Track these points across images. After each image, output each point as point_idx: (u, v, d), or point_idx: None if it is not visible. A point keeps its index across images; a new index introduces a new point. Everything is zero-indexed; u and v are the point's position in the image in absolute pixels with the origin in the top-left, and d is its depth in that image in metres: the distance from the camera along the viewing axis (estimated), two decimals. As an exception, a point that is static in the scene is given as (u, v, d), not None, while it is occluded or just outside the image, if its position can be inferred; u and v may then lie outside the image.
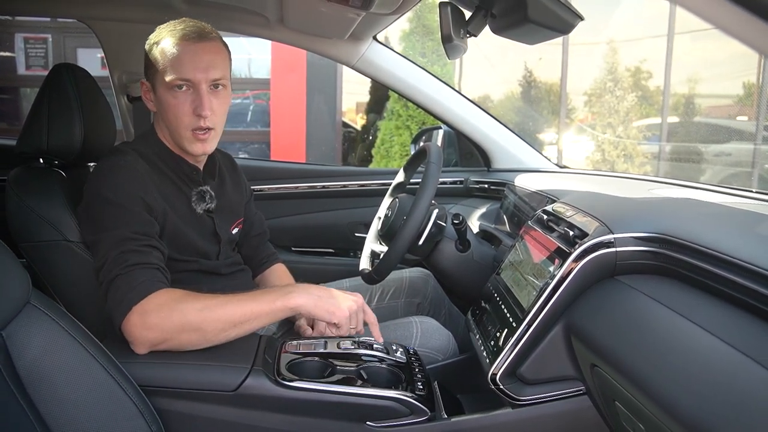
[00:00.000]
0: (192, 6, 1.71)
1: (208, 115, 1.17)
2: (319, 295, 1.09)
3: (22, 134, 1.28)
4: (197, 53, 1.15)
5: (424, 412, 1.02)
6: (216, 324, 1.02)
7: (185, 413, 1.00)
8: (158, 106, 1.21)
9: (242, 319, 1.03)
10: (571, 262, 0.95)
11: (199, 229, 1.27)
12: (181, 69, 1.15)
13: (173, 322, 1.00)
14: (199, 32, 1.17)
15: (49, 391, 0.80)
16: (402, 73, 1.91)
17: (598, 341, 0.87)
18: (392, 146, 5.89)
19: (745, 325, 0.70)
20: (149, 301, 1.01)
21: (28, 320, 0.80)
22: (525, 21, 0.95)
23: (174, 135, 1.22)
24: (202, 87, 1.16)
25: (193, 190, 1.27)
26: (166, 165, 1.25)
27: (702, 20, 0.56)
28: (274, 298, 1.06)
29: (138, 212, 1.11)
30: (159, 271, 1.07)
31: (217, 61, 1.18)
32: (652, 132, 7.59)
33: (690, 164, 6.96)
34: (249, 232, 1.51)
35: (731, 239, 0.82)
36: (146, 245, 1.08)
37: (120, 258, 1.04)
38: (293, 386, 1.00)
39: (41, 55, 6.06)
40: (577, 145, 8.09)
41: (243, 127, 6.51)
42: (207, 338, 1.02)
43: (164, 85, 1.17)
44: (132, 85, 1.88)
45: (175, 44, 1.15)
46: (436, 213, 1.42)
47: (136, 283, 1.02)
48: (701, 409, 0.65)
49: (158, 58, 1.17)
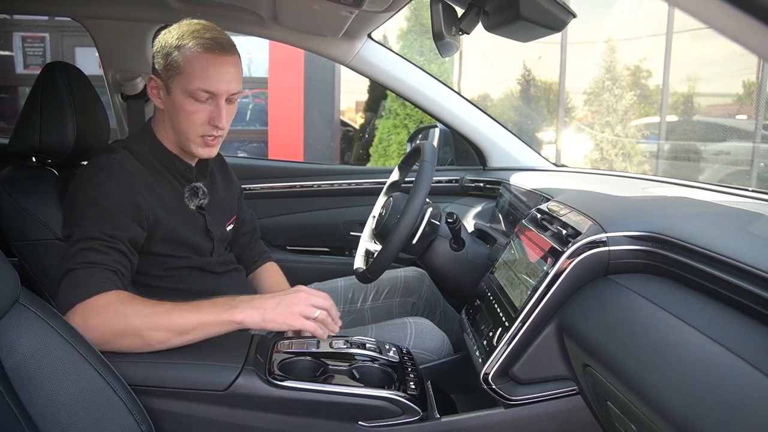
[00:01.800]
0: (187, 4, 1.70)
1: (224, 126, 1.21)
2: (265, 308, 1.05)
3: (15, 133, 1.28)
4: (223, 66, 1.18)
5: (416, 412, 1.02)
6: (159, 332, 1.00)
7: (176, 412, 1.00)
8: (170, 107, 1.22)
9: (187, 328, 1.01)
10: (563, 261, 0.94)
11: (191, 225, 1.28)
12: (207, 81, 1.16)
13: (115, 325, 0.98)
14: (225, 44, 1.19)
15: (38, 391, 0.80)
16: (397, 72, 1.91)
17: (590, 341, 0.87)
18: (390, 145, 5.89)
19: (736, 324, 0.69)
20: (94, 301, 1.00)
21: (17, 319, 0.80)
22: (517, 18, 0.95)
23: (181, 137, 1.23)
24: (221, 100, 1.19)
25: (186, 186, 1.28)
26: (159, 162, 1.26)
27: (698, 21, 0.55)
28: (220, 311, 1.04)
29: (116, 214, 1.11)
30: (115, 273, 1.06)
31: (237, 75, 1.21)
32: (650, 131, 7.59)
33: (688, 163, 6.96)
34: (240, 229, 1.53)
35: (724, 238, 0.82)
36: (111, 247, 1.08)
37: (80, 254, 1.05)
38: (285, 386, 1.00)
39: (39, 54, 6.06)
40: (576, 144, 8.10)
41: (242, 126, 6.51)
42: (149, 344, 1.00)
43: (184, 91, 1.18)
44: (126, 84, 1.87)
45: (202, 54, 1.16)
46: (431, 212, 1.42)
47: (86, 280, 1.02)
48: (691, 409, 0.64)
49: (180, 63, 1.17)
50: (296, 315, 1.06)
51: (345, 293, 1.64)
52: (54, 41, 6.01)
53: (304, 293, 1.10)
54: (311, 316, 1.07)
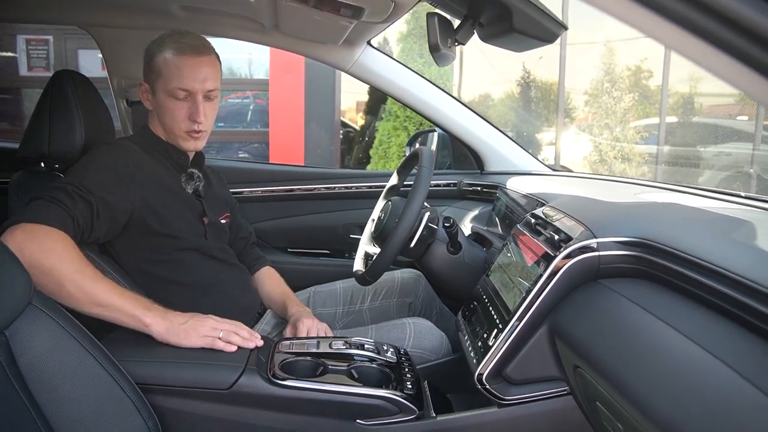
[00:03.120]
0: (189, 13, 1.73)
1: (202, 121, 1.33)
2: (173, 323, 1.07)
3: (24, 139, 1.32)
4: (196, 66, 1.30)
5: (412, 411, 1.05)
6: (77, 291, 1.02)
7: (181, 410, 1.03)
8: (156, 108, 1.35)
9: (102, 303, 1.03)
10: (555, 266, 0.97)
11: (187, 207, 1.37)
12: (182, 80, 1.29)
13: (45, 260, 1.00)
14: (198, 47, 1.32)
15: (50, 388, 0.83)
16: (396, 78, 1.94)
17: (580, 343, 0.90)
18: (390, 147, 5.90)
19: (719, 328, 0.71)
20: (40, 228, 1.03)
21: (30, 320, 0.83)
22: (510, 30, 0.98)
23: (169, 133, 1.36)
24: (198, 97, 1.32)
25: (183, 173, 1.38)
26: (158, 152, 1.38)
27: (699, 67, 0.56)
28: (136, 306, 1.06)
29: (99, 175, 1.19)
30: (72, 220, 1.09)
31: (212, 73, 1.33)
32: (650, 132, 7.58)
33: (687, 168, 6.94)
34: (237, 234, 1.61)
35: (709, 244, 0.84)
36: (81, 197, 1.12)
37: (52, 191, 1.11)
38: (286, 385, 1.03)
39: (43, 57, 6.07)
40: (576, 145, 8.09)
41: (243, 127, 6.52)
42: (61, 295, 1.00)
43: (165, 91, 1.30)
44: (131, 90, 1.91)
45: (177, 56, 1.30)
46: (428, 216, 1.44)
47: (43, 210, 1.06)
48: (674, 411, 0.66)
49: (161, 66, 1.30)
50: (199, 335, 1.07)
51: (344, 295, 1.67)
52: (57, 44, 6.03)
53: (212, 320, 1.11)
54: (213, 336, 1.08)
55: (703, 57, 0.52)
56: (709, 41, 0.50)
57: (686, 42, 0.52)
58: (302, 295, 1.68)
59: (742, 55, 0.49)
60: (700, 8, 0.49)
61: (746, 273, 0.70)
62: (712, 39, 0.50)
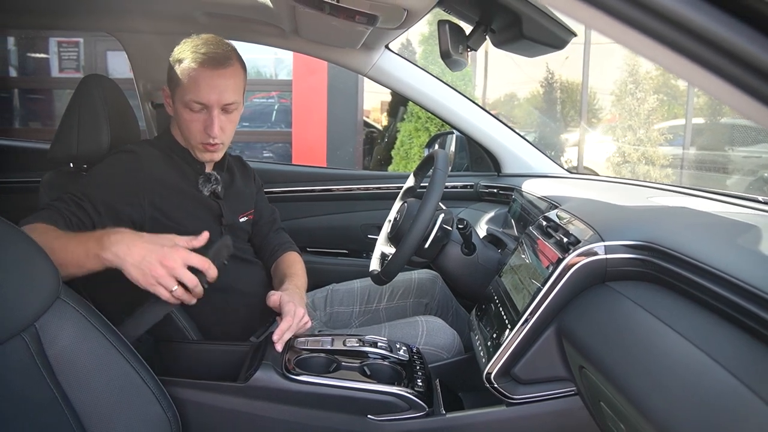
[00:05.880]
0: (212, 18, 1.78)
1: (216, 135, 1.30)
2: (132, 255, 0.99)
3: (55, 141, 1.38)
4: (213, 79, 1.26)
5: (422, 408, 1.07)
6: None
7: (199, 402, 1.07)
8: (175, 115, 1.35)
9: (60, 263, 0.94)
10: (563, 268, 0.98)
11: (203, 209, 1.36)
12: (198, 92, 1.26)
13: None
14: (218, 58, 1.27)
15: (76, 377, 0.88)
16: (414, 81, 1.96)
17: (585, 344, 0.91)
18: (411, 148, 5.92)
19: (721, 333, 0.72)
20: (27, 227, 1.06)
21: (59, 314, 0.88)
22: (520, 37, 1.00)
23: (186, 141, 1.36)
24: (214, 111, 1.28)
25: (200, 175, 1.38)
26: (176, 155, 1.37)
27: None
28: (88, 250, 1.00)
29: (99, 180, 1.23)
30: (65, 219, 1.13)
31: (230, 86, 1.29)
32: (675, 134, 7.44)
33: (713, 170, 6.78)
34: (259, 220, 1.58)
35: (714, 249, 0.84)
36: (76, 202, 1.17)
37: (54, 200, 1.17)
38: (300, 380, 1.07)
39: (74, 58, 6.23)
40: (601, 147, 7.98)
41: (267, 127, 6.58)
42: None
43: (181, 102, 1.29)
44: (156, 93, 1.98)
45: (194, 68, 1.26)
46: (442, 217, 1.46)
47: (38, 214, 1.12)
48: (672, 413, 0.68)
49: (179, 75, 1.28)
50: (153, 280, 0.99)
51: (361, 294, 1.69)
52: (88, 46, 6.19)
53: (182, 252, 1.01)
54: (169, 288, 1.00)
55: (716, 90, 0.52)
56: (724, 78, 0.50)
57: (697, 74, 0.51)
58: (320, 293, 1.70)
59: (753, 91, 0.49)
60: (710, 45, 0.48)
61: (749, 278, 0.70)
62: (724, 75, 0.50)
